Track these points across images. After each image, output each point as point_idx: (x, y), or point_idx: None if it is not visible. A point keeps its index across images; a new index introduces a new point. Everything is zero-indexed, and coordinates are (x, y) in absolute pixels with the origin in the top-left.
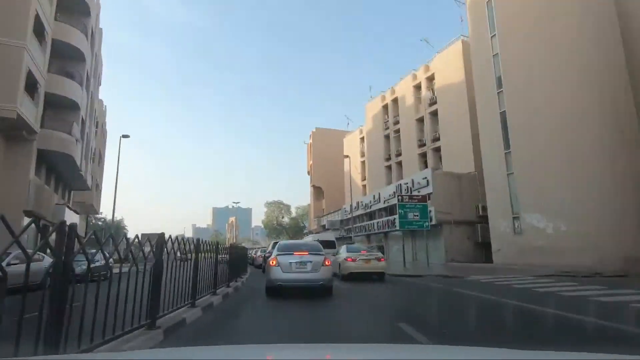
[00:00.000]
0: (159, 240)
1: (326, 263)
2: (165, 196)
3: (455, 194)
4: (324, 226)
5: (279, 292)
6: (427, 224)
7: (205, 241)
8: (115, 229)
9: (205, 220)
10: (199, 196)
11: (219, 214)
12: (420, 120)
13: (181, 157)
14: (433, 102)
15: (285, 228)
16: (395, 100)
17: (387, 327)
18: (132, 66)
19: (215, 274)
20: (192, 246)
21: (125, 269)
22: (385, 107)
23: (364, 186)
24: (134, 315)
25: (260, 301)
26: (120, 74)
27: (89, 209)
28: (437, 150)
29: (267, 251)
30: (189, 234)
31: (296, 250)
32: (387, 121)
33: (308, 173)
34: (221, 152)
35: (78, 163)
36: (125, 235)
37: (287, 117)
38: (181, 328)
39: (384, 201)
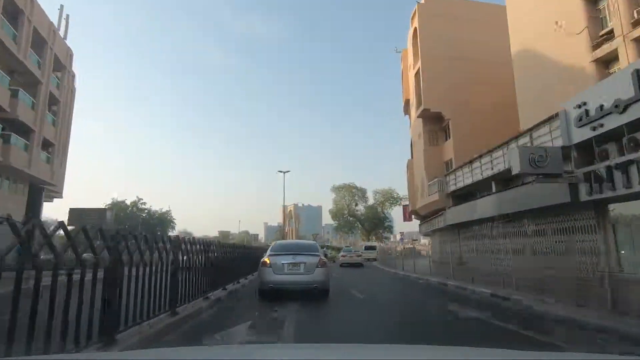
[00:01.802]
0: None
1: (321, 264)
2: (238, 195)
3: None
4: (456, 194)
5: (271, 295)
6: None
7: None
8: (159, 222)
9: (276, 219)
10: (272, 195)
11: (288, 215)
12: None
13: (253, 156)
14: None
15: (359, 219)
16: None
17: None
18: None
19: None
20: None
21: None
22: None
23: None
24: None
25: None
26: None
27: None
28: None
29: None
30: (257, 231)
31: (290, 250)
32: None
33: (406, 104)
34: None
35: None
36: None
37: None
38: None
39: None
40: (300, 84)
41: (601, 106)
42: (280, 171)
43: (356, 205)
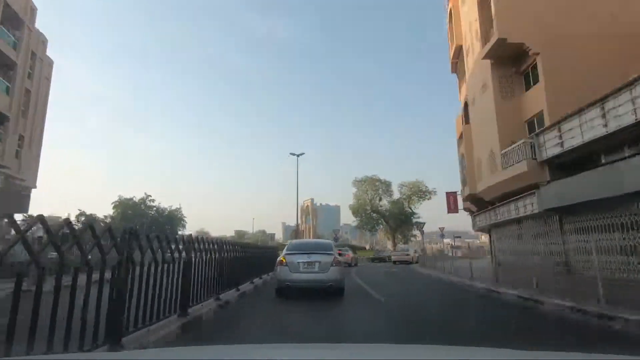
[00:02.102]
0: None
1: (335, 263)
2: (258, 196)
3: None
4: (560, 160)
5: (288, 292)
6: None
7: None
8: (168, 220)
9: (293, 219)
10: (290, 196)
11: (304, 211)
12: None
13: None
14: None
15: (383, 215)
16: None
17: None
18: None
19: None
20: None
21: None
22: None
23: None
24: None
25: None
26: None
27: None
28: None
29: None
30: (276, 231)
31: (305, 249)
32: None
33: (455, 55)
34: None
35: None
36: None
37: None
38: None
39: None
40: (313, 85)
41: None
42: (293, 154)
43: (380, 200)
